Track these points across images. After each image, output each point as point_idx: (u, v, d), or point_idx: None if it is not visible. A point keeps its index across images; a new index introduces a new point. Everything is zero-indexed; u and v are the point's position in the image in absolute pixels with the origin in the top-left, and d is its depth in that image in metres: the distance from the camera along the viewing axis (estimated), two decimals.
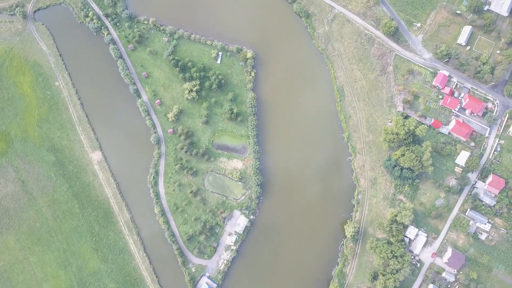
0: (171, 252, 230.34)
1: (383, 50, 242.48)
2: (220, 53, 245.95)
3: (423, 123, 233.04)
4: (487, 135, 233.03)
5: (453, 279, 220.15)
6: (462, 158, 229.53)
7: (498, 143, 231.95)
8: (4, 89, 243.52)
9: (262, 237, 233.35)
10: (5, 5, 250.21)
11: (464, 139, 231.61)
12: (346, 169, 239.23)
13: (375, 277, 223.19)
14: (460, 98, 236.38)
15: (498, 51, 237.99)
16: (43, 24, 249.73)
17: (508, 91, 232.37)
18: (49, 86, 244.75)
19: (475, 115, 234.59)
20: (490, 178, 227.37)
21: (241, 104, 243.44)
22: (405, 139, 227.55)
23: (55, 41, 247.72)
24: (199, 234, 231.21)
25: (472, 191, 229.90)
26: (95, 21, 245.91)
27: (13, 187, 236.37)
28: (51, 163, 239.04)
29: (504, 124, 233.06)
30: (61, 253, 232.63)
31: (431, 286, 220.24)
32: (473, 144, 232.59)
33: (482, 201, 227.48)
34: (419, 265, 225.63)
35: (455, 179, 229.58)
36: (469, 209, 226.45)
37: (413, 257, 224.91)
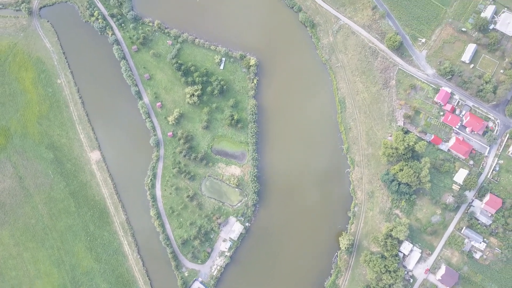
0: (165, 255, 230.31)
1: (387, 63, 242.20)
2: (223, 59, 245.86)
3: (423, 139, 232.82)
4: (486, 154, 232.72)
5: None
6: (460, 176, 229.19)
7: (497, 163, 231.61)
8: (6, 84, 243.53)
9: (256, 245, 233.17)
10: (11, 0, 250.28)
11: (463, 157, 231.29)
12: (343, 181, 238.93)
13: None
14: (461, 115, 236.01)
15: (501, 71, 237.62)
16: (48, 21, 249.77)
17: (509, 111, 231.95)
18: (51, 83, 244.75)
19: (475, 133, 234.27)
20: (487, 197, 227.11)
21: (242, 110, 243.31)
22: (404, 154, 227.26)
23: (59, 38, 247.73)
24: (194, 238, 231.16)
25: (468, 209, 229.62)
26: (100, 20, 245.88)
27: (10, 183, 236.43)
28: (49, 160, 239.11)
29: (504, 144, 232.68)
30: (55, 251, 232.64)
31: None
32: (472, 162, 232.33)
33: (478, 220, 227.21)
34: (412, 280, 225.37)
35: (452, 196, 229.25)
36: (464, 227, 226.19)
37: (406, 273, 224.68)
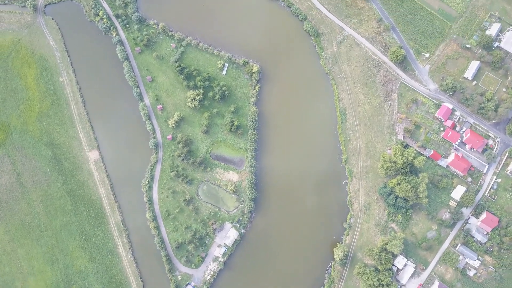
0: (159, 258, 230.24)
1: (389, 77, 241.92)
2: (226, 64, 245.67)
3: (422, 154, 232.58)
4: (485, 172, 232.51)
5: None
6: (457, 192, 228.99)
7: (495, 181, 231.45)
8: (8, 80, 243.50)
9: (250, 252, 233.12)
10: None
11: (461, 174, 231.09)
12: (341, 191, 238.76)
13: None
14: (461, 132, 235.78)
15: (504, 89, 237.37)
16: (52, 18, 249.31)
17: (510, 130, 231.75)
18: (53, 81, 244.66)
19: (474, 150, 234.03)
20: (483, 215, 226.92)
21: (243, 117, 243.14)
22: (402, 169, 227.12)
23: (63, 36, 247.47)
24: (189, 243, 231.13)
25: (464, 226, 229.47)
26: (104, 20, 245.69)
27: (7, 178, 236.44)
28: (47, 158, 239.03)
29: (503, 162, 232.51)
30: (50, 248, 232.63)
31: None
32: (470, 179, 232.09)
33: (473, 237, 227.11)
34: None
35: (449, 212, 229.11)
36: (459, 244, 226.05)
37: (399, 287, 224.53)
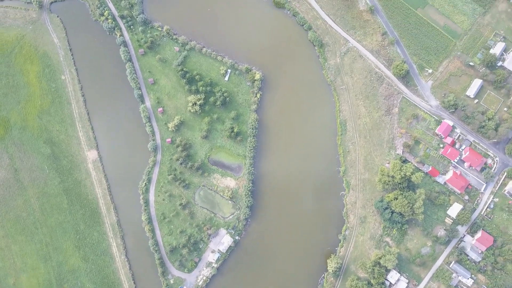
0: (152, 261, 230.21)
1: (391, 90, 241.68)
2: (229, 70, 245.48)
3: (420, 170, 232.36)
4: (482, 190, 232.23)
5: None
6: (454, 210, 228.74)
7: (492, 200, 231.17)
8: (10, 75, 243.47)
9: (244, 259, 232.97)
10: None
11: (459, 192, 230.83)
12: (337, 203, 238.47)
13: None
14: (460, 150, 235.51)
15: (505, 109, 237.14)
16: (57, 16, 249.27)
17: (509, 150, 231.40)
18: (55, 78, 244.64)
19: (473, 169, 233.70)
20: (479, 234, 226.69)
21: (243, 124, 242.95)
22: (400, 183, 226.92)
23: (67, 35, 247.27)
24: (183, 247, 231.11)
25: (459, 244, 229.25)
26: (109, 20, 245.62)
27: (5, 174, 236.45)
28: (46, 155, 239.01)
29: (501, 182, 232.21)
30: (44, 246, 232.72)
31: None
32: (467, 197, 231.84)
33: (467, 256, 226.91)
34: None
35: (444, 229, 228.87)
36: (453, 262, 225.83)
37: None
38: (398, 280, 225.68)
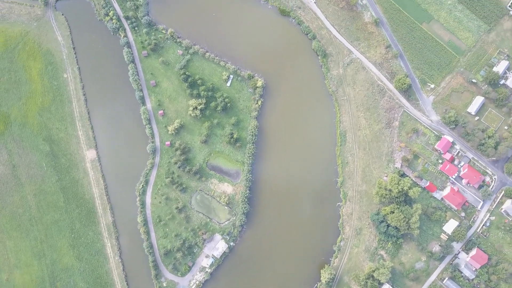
0: (146, 263, 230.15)
1: (393, 104, 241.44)
2: (231, 76, 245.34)
3: (418, 185, 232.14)
4: (479, 208, 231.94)
5: None
6: (450, 226, 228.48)
7: (488, 218, 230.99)
8: (12, 71, 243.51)
9: (238, 265, 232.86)
10: None
11: (455, 208, 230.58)
12: (333, 214, 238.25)
13: None
14: (459, 166, 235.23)
15: (506, 127, 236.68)
16: (62, 14, 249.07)
17: (508, 169, 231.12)
18: (57, 76, 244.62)
19: (471, 186, 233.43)
20: (473, 251, 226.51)
21: (243, 130, 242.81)
22: (397, 197, 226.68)
23: (71, 33, 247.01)
24: (177, 250, 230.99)
25: (453, 260, 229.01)
26: (114, 21, 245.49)
27: (2, 169, 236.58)
28: (45, 152, 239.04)
29: (498, 200, 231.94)
30: (38, 243, 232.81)
31: None
32: (463, 214, 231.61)
33: (461, 273, 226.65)
34: None
35: (439, 245, 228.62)
36: (447, 278, 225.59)
37: None
38: None
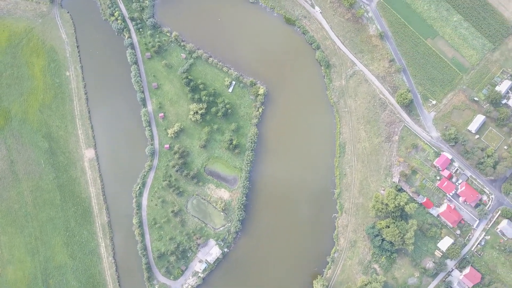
0: (139, 265, 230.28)
1: (393, 118, 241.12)
2: (233, 82, 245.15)
3: (414, 200, 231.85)
4: (475, 226, 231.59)
5: None
6: (444, 243, 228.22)
7: (483, 237, 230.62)
8: (15, 67, 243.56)
9: (230, 272, 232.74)
10: None
11: (451, 225, 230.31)
12: (329, 225, 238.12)
13: None
14: (457, 184, 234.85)
15: (505, 147, 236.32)
16: (68, 12, 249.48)
17: (506, 189, 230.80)
18: (60, 74, 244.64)
19: (467, 204, 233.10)
20: (467, 269, 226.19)
21: (242, 136, 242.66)
22: (393, 212, 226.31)
23: (76, 31, 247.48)
24: (171, 254, 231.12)
25: (446, 277, 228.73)
26: (119, 21, 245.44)
27: (0, 164, 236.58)
28: (43, 149, 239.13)
29: (494, 220, 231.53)
30: (32, 239, 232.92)
31: None
32: (459, 232, 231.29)
33: None
34: None
35: (433, 262, 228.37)
36: None
37: None
38: None
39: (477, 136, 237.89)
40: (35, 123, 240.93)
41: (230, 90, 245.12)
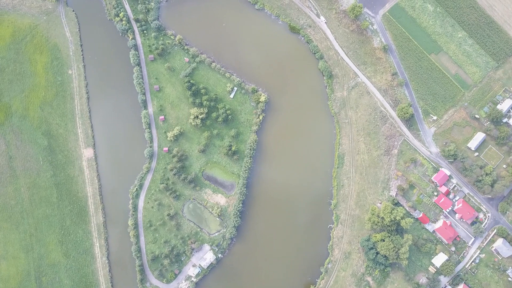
0: (133, 266, 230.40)
1: (393, 131, 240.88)
2: (235, 88, 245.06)
3: (411, 215, 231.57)
4: (470, 244, 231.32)
5: None
6: (439, 259, 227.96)
7: (478, 255, 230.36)
8: (18, 63, 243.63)
9: (223, 278, 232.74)
10: None
11: (446, 242, 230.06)
12: (324, 235, 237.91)
13: None
14: (454, 200, 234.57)
15: (504, 166, 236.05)
16: (73, 10, 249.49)
17: (502, 208, 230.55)
18: (62, 72, 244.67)
19: (464, 221, 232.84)
20: (460, 287, 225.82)
21: (242, 143, 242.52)
22: (389, 226, 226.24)
23: (80, 30, 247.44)
24: (165, 257, 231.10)
25: None
26: (124, 22, 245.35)
27: None
28: (42, 147, 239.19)
29: (489, 238, 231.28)
30: (27, 236, 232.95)
31: None
32: (453, 249, 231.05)
33: None
34: None
35: (427, 278, 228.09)
36: None
37: None
38: None
39: (476, 153, 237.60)
40: (35, 120, 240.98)
41: (231, 96, 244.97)
